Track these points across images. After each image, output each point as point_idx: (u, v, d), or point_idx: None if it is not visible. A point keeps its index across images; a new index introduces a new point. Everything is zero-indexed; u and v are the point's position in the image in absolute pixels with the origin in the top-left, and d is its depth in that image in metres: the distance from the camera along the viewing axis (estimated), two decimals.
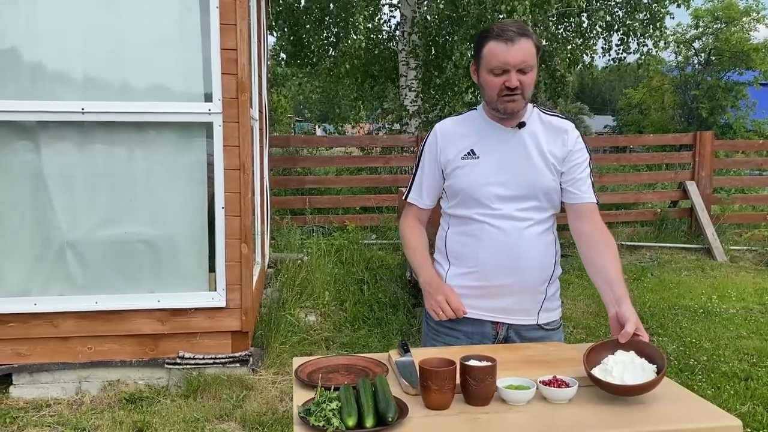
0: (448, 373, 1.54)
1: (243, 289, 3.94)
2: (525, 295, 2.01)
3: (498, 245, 1.98)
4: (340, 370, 1.83)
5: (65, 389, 3.86)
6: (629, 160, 9.55)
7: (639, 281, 6.91)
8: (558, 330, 2.10)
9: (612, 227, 8.96)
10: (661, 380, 1.60)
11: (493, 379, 1.58)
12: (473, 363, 1.62)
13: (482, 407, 1.58)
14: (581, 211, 2.00)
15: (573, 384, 1.63)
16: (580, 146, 2.00)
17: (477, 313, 2.04)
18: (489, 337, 2.05)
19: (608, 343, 1.74)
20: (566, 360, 1.84)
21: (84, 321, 3.83)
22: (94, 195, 3.84)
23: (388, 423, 1.42)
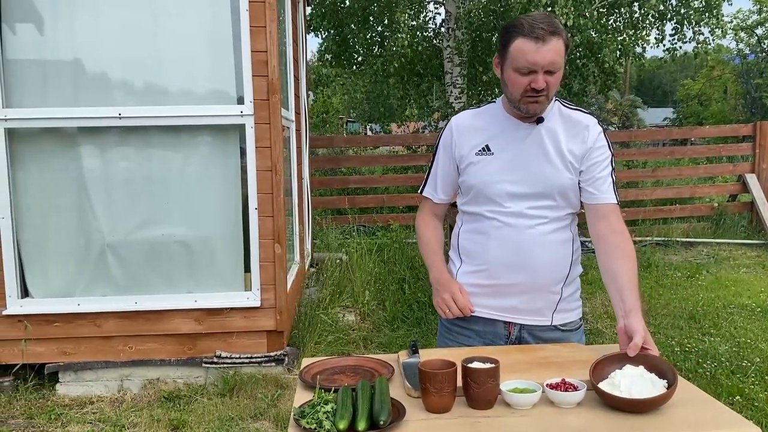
0: (447, 375, 1.50)
1: (277, 288, 3.96)
2: (537, 295, 1.93)
3: (507, 243, 1.91)
4: (346, 372, 1.80)
5: (108, 387, 3.97)
6: (684, 153, 9.19)
7: (693, 279, 6.65)
8: (577, 331, 2.01)
9: (666, 223, 8.66)
10: (672, 396, 1.51)
11: (495, 382, 1.53)
12: (476, 365, 1.57)
13: (485, 411, 1.53)
14: (599, 211, 1.90)
15: (581, 387, 1.56)
16: (601, 143, 1.90)
17: (487, 312, 1.98)
18: (501, 337, 1.99)
19: (616, 356, 1.66)
20: (580, 362, 1.76)
21: (125, 321, 3.93)
22: (133, 198, 3.94)
23: (380, 426, 1.38)
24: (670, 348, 4.60)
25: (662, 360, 1.62)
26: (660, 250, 8.02)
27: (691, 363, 4.32)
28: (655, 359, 1.62)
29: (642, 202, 9.03)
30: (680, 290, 6.23)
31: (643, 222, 8.66)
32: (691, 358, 4.42)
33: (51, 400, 3.87)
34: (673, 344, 4.68)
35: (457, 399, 1.56)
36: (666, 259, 7.59)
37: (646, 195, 8.82)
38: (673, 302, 5.80)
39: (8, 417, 3.66)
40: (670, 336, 4.88)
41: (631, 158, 9.51)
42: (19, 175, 3.86)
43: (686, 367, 4.24)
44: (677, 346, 4.64)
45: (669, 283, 6.48)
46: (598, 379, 1.57)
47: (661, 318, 5.36)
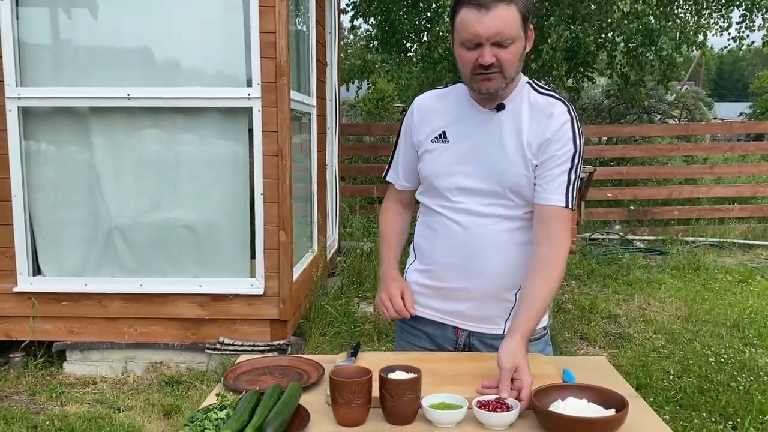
0: (357, 385, 1.34)
1: (281, 277, 3.87)
2: (487, 302, 1.73)
3: (455, 244, 1.72)
4: (275, 373, 1.66)
5: (112, 368, 3.97)
6: (745, 149, 8.60)
7: (745, 284, 6.19)
8: (537, 342, 1.80)
9: (723, 223, 8.14)
10: (623, 419, 1.29)
11: (414, 395, 1.36)
12: (397, 375, 1.40)
13: (402, 426, 1.36)
14: (540, 214, 1.66)
15: (515, 407, 1.36)
16: (564, 135, 1.65)
17: (433, 314, 1.80)
18: (450, 341, 1.81)
19: (556, 387, 1.45)
20: (534, 376, 1.56)
21: (130, 303, 3.92)
22: (140, 180, 3.91)
23: None
24: (704, 358, 4.26)
25: (609, 390, 1.40)
26: (713, 252, 7.54)
27: (725, 375, 3.98)
28: (602, 390, 1.41)
29: (698, 200, 8.51)
30: (729, 296, 5.81)
31: (698, 221, 8.16)
32: (726, 369, 4.08)
33: (57, 378, 3.91)
34: (708, 353, 4.34)
35: (376, 412, 1.40)
36: (719, 261, 7.12)
37: (702, 193, 8.31)
38: (718, 308, 5.40)
39: (14, 392, 3.71)
40: (706, 345, 4.53)
41: (689, 153, 8.98)
42: (32, 154, 3.89)
43: (718, 379, 3.91)
44: (713, 356, 4.30)
45: (717, 288, 6.05)
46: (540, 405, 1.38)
47: (701, 325, 4.99)
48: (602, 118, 12.16)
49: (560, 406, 1.36)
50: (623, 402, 1.34)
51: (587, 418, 1.28)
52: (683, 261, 6.94)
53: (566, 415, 1.29)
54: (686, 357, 4.30)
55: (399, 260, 1.89)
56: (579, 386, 1.44)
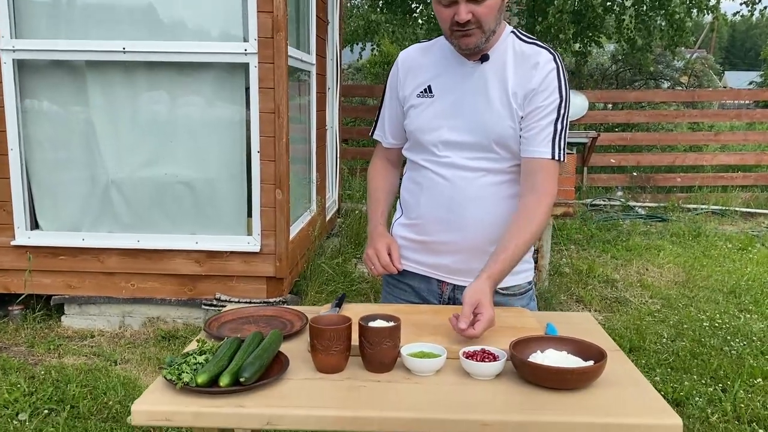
0: (335, 332, 1.34)
1: (277, 235, 3.87)
2: (471, 255, 1.71)
3: (439, 197, 1.71)
4: (259, 322, 1.67)
5: (110, 322, 4.01)
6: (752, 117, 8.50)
7: (744, 251, 6.18)
8: (522, 296, 1.80)
9: (727, 191, 8.10)
10: (602, 369, 1.30)
11: (392, 343, 1.36)
12: (377, 323, 1.40)
13: (380, 374, 1.37)
14: (527, 167, 1.65)
15: (501, 357, 1.37)
16: (549, 85, 1.62)
17: (418, 268, 1.80)
18: (435, 295, 1.81)
19: (536, 338, 1.44)
20: (516, 329, 1.57)
21: (127, 258, 3.94)
22: (136, 136, 3.89)
23: (242, 383, 1.24)
24: (698, 322, 4.28)
25: (589, 343, 1.40)
26: (715, 219, 7.52)
27: (719, 340, 4.00)
28: (582, 343, 1.41)
29: (702, 167, 8.45)
30: (727, 263, 5.81)
31: (701, 189, 8.12)
32: (720, 334, 4.09)
33: (55, 331, 3.95)
34: (703, 318, 4.35)
35: (356, 360, 1.40)
36: (720, 229, 7.10)
37: (706, 160, 8.24)
38: (716, 275, 5.40)
39: (12, 344, 3.76)
40: (702, 310, 4.55)
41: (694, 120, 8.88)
42: (28, 109, 3.87)
43: (712, 343, 3.93)
44: (707, 321, 4.31)
45: (716, 255, 6.05)
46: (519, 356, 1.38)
47: (697, 290, 5.00)
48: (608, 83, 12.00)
49: (539, 357, 1.36)
50: (602, 354, 1.34)
51: (563, 368, 1.28)
52: (684, 228, 6.92)
53: (542, 364, 1.29)
54: (681, 321, 4.31)
55: (387, 218, 1.88)
56: (559, 338, 1.44)
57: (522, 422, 1.19)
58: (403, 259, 1.79)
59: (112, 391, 3.13)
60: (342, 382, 1.33)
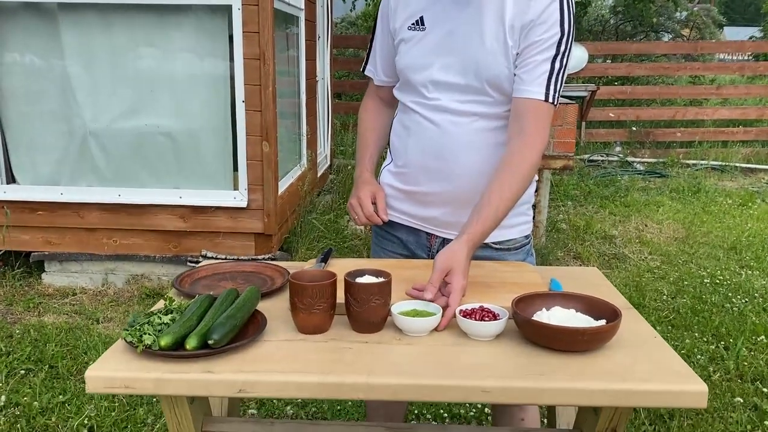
0: (317, 289, 1.19)
1: (265, 189, 3.70)
2: (461, 207, 1.54)
3: (427, 144, 1.55)
4: (237, 278, 1.52)
5: (92, 279, 3.87)
6: (755, 70, 8.27)
7: (745, 207, 6.06)
8: (517, 251, 1.65)
9: (727, 146, 7.94)
10: (615, 330, 1.16)
11: (382, 301, 1.22)
12: (365, 279, 1.26)
13: (368, 335, 1.23)
14: (517, 108, 1.47)
15: (502, 316, 1.23)
16: (550, 17, 1.44)
17: (406, 219, 1.66)
18: (424, 248, 1.66)
19: (541, 295, 1.30)
20: (518, 285, 1.42)
21: (108, 213, 3.77)
22: (114, 84, 3.68)
23: (211, 346, 1.10)
24: (699, 279, 4.17)
25: (599, 300, 1.26)
26: (715, 175, 7.38)
27: (720, 296, 3.90)
28: (592, 300, 1.26)
29: (702, 122, 8.27)
30: (728, 219, 5.69)
31: (701, 144, 7.95)
32: (721, 291, 3.99)
33: (35, 288, 3.81)
34: (704, 275, 4.24)
35: (341, 319, 1.26)
36: (720, 185, 6.97)
37: (707, 114, 8.05)
38: (716, 231, 5.29)
39: None
40: (702, 266, 4.44)
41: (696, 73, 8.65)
42: (1, 56, 3.65)
43: (713, 300, 3.83)
44: (708, 277, 4.21)
45: (716, 211, 5.92)
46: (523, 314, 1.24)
47: (697, 247, 4.89)
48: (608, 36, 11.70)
49: (544, 316, 1.22)
50: (615, 312, 1.20)
51: (573, 327, 1.14)
52: (683, 184, 6.79)
53: (549, 324, 1.15)
54: (681, 278, 4.21)
55: (376, 163, 1.72)
56: (566, 295, 1.30)
57: (527, 389, 1.05)
58: (390, 210, 1.64)
59: (93, 350, 3.01)
60: (325, 343, 1.19)
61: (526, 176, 1.45)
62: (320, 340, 1.20)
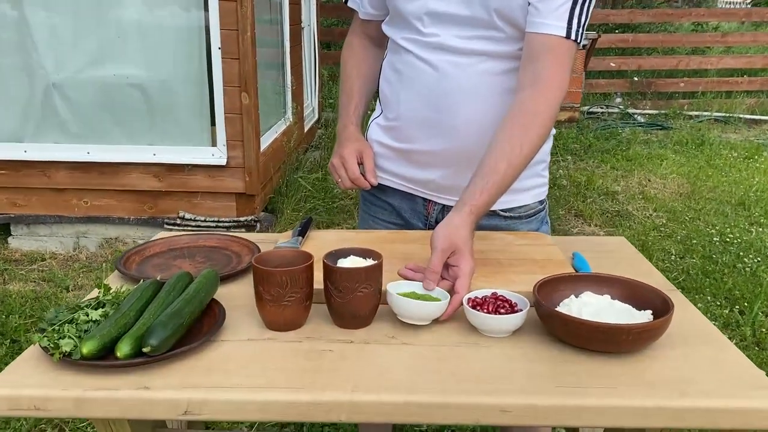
0: (287, 276, 0.94)
1: (245, 146, 3.42)
2: (463, 168, 1.27)
3: (422, 90, 1.27)
4: (197, 255, 1.27)
5: (63, 244, 3.61)
6: (762, 16, 7.92)
7: (751, 160, 5.81)
8: (532, 219, 1.40)
9: (731, 97, 7.64)
10: (666, 325, 0.91)
11: (370, 289, 0.96)
12: (350, 261, 1.00)
13: (354, 330, 0.98)
14: (531, 47, 1.19)
15: (523, 307, 0.98)
16: None
17: (399, 183, 1.39)
18: (420, 217, 1.41)
19: (567, 277, 1.05)
20: (536, 262, 1.18)
21: (76, 172, 3.49)
22: (77, 30, 3.35)
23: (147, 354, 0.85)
24: (708, 237, 3.95)
25: (641, 283, 1.01)
26: (718, 127, 7.11)
27: (731, 256, 3.68)
28: (632, 283, 1.02)
29: (705, 72, 7.94)
30: (733, 172, 5.44)
31: (704, 94, 7.65)
32: (732, 250, 3.78)
33: (2, 253, 3.54)
34: (713, 233, 4.02)
35: (322, 309, 1.01)
36: (724, 137, 6.70)
37: (711, 64, 7.72)
38: (722, 185, 5.05)
39: None
40: (710, 223, 4.21)
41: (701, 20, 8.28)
42: None
43: (723, 260, 3.62)
44: (717, 235, 3.99)
45: (722, 164, 5.68)
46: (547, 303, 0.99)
47: (704, 203, 4.65)
48: None
49: (574, 305, 0.98)
50: (664, 301, 0.95)
51: (617, 324, 0.89)
52: (686, 136, 6.52)
53: (587, 321, 0.90)
54: (689, 236, 3.99)
55: (363, 115, 1.45)
56: (599, 277, 1.05)
57: (560, 408, 0.81)
58: (380, 171, 1.38)
59: None
60: (299, 344, 0.94)
61: (542, 132, 1.17)
62: (293, 339, 0.95)
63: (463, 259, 1.03)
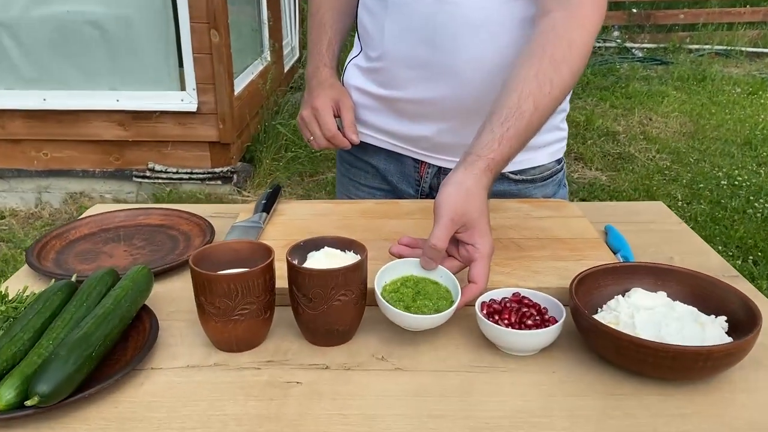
0: (237, 283, 0.68)
1: (217, 89, 3.11)
2: (464, 120, 1.01)
3: (413, 22, 0.99)
4: (134, 237, 1.01)
5: (24, 200, 3.33)
6: None
7: (754, 96, 5.55)
8: (547, 183, 1.15)
9: (732, 29, 7.29)
10: (749, 347, 0.66)
11: (351, 297, 0.71)
12: (325, 257, 0.75)
13: (330, 349, 0.74)
14: None
15: (556, 315, 0.73)
16: None
17: (384, 140, 1.13)
18: (411, 181, 1.15)
19: (608, 269, 0.79)
20: (560, 243, 0.93)
21: (33, 121, 3.18)
22: None
23: (37, 405, 0.60)
24: (715, 180, 3.73)
25: (715, 280, 0.77)
26: (719, 61, 6.79)
27: (740, 200, 3.47)
28: (699, 278, 0.77)
29: (706, 1, 7.56)
30: (737, 109, 5.19)
31: (704, 27, 7.30)
32: (741, 194, 3.56)
33: None
34: (720, 176, 3.80)
35: (285, 318, 0.77)
36: (726, 71, 6.41)
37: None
38: (727, 124, 4.80)
39: None
40: (716, 165, 3.99)
41: None
42: None
43: (733, 205, 3.41)
44: (725, 178, 3.77)
45: (725, 101, 5.41)
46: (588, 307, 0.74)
47: (708, 142, 4.41)
48: None
49: (623, 310, 0.73)
50: (743, 303, 0.71)
51: (689, 349, 0.65)
52: (687, 71, 6.22)
53: (644, 340, 0.66)
54: (695, 180, 3.76)
55: (339, 54, 1.16)
56: (651, 268, 0.80)
57: None
58: (362, 126, 1.11)
59: None
60: (257, 371, 0.70)
61: (576, 68, 0.89)
62: (248, 364, 0.71)
63: (480, 235, 0.77)
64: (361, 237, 0.77)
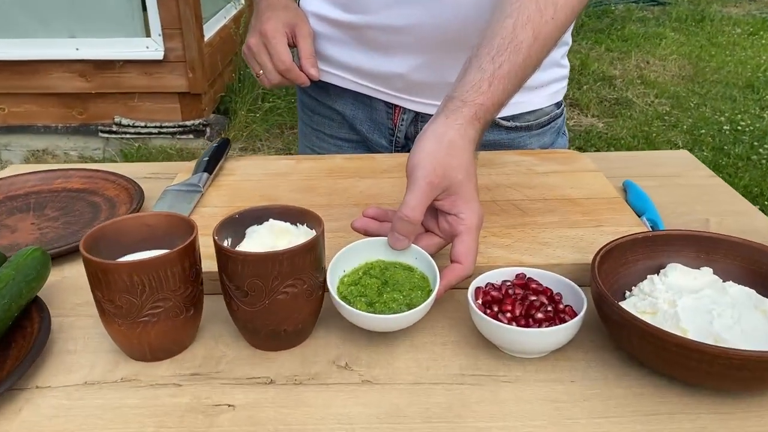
0: (140, 273, 0.50)
1: (185, 35, 2.87)
2: (446, 53, 0.83)
3: None
4: (46, 206, 0.82)
5: None
6: None
7: (755, 37, 5.32)
8: (545, 130, 0.96)
9: None
10: None
11: (301, 287, 0.53)
12: (271, 231, 0.57)
13: (277, 354, 0.56)
14: None
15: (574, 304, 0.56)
16: None
17: (351, 79, 0.92)
18: (384, 129, 0.96)
19: (637, 240, 0.61)
20: (572, 204, 0.75)
21: None
22: None
23: None
24: (717, 126, 3.55)
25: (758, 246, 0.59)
26: (717, 1, 6.53)
27: (744, 147, 3.30)
28: (753, 248, 0.59)
29: None
30: (738, 51, 4.97)
31: None
32: (744, 139, 3.39)
33: None
34: (722, 121, 3.62)
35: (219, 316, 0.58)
36: (724, 11, 6.16)
37: None
38: (728, 66, 4.59)
39: None
40: (718, 110, 3.80)
41: None
42: None
43: (736, 152, 3.24)
44: (727, 123, 3.59)
45: (725, 42, 5.19)
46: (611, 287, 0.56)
47: (709, 86, 4.21)
48: None
49: (660, 294, 0.56)
50: None
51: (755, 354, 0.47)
52: (684, 12, 5.97)
53: (700, 343, 0.48)
54: (696, 125, 3.58)
55: None
56: (691, 236, 0.62)
57: None
58: (323, 63, 0.91)
59: None
60: (177, 392, 0.52)
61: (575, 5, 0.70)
62: (167, 379, 0.53)
63: (465, 201, 0.59)
64: (325, 202, 0.60)
